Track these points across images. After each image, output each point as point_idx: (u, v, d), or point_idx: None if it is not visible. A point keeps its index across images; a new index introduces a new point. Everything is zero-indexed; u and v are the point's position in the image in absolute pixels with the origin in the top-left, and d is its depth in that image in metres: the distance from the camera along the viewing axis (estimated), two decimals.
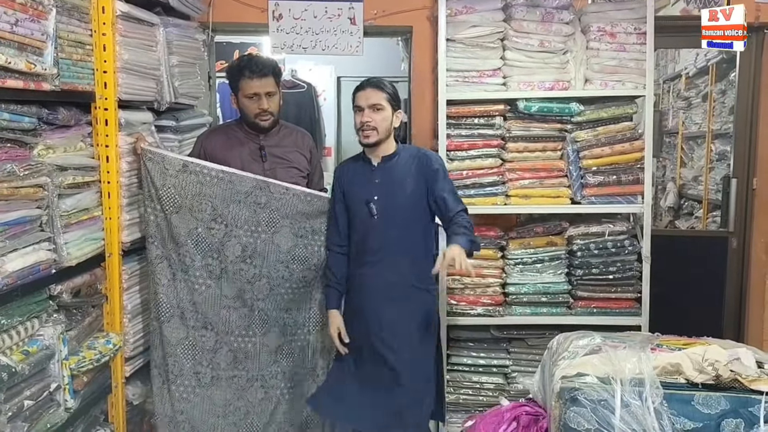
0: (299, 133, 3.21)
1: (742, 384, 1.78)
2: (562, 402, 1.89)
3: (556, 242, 3.61)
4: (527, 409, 2.24)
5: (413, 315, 2.90)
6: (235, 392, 2.92)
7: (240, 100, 2.99)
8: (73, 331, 2.45)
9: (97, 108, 2.59)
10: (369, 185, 2.92)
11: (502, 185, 3.55)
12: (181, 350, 2.85)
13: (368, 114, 2.86)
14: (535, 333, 3.65)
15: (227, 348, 2.89)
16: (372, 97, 2.86)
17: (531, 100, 3.48)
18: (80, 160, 2.49)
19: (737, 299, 4.12)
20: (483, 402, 3.59)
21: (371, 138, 2.87)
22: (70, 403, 2.38)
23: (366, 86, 2.90)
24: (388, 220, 2.89)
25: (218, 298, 2.87)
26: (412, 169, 2.89)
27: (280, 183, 2.92)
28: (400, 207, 2.89)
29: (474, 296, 3.60)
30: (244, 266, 2.87)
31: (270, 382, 2.98)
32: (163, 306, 2.81)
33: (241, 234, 2.85)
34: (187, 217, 2.79)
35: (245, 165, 2.99)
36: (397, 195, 2.90)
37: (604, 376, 1.88)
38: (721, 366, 1.80)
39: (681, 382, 1.87)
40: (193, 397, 2.87)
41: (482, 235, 3.61)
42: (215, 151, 3.02)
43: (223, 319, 2.88)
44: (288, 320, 2.98)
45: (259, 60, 3.00)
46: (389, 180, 2.91)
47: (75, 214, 2.45)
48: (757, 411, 1.75)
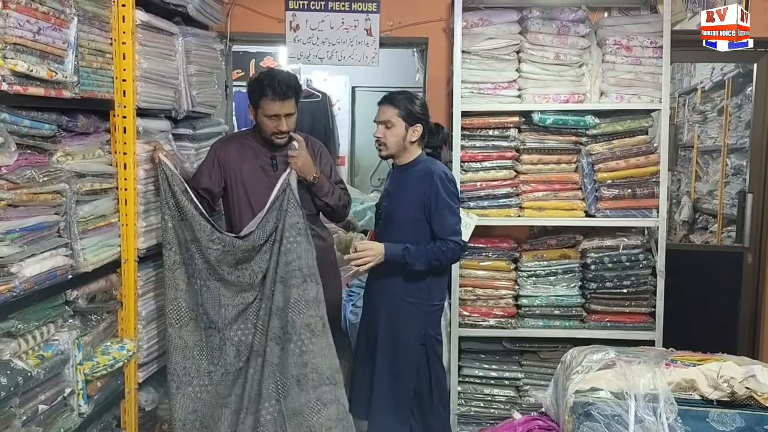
0: (309, 140, 3.21)
1: (758, 401, 1.76)
2: (575, 417, 1.88)
3: (569, 255, 3.60)
4: (540, 423, 2.22)
5: (395, 329, 2.96)
6: (240, 384, 2.87)
7: (259, 117, 3.00)
8: (87, 336, 2.46)
9: (116, 116, 2.61)
10: (385, 192, 3.09)
11: (516, 197, 3.55)
12: (197, 352, 2.86)
13: (380, 130, 2.96)
14: (547, 346, 3.63)
15: (229, 343, 2.87)
16: (383, 113, 2.95)
17: (546, 112, 3.48)
18: (98, 167, 2.51)
19: (752, 315, 4.09)
20: (494, 415, 3.58)
21: (382, 152, 3.01)
22: (84, 408, 2.39)
23: (382, 101, 2.98)
24: (389, 228, 3.01)
25: (218, 298, 2.85)
26: (418, 184, 2.93)
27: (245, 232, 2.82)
28: (400, 218, 2.97)
29: (486, 308, 3.59)
30: (240, 269, 2.85)
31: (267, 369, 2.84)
32: (182, 311, 2.83)
33: (237, 252, 2.82)
34: (188, 232, 2.81)
35: (257, 173, 3.01)
36: (399, 206, 2.98)
37: (618, 391, 1.87)
38: (736, 383, 1.78)
39: (696, 398, 1.86)
40: (205, 395, 2.87)
41: (495, 246, 3.61)
42: (228, 159, 3.04)
43: (223, 317, 2.86)
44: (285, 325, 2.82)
45: (281, 79, 2.95)
46: (397, 190, 3.00)
47: (92, 220, 2.47)
48: None
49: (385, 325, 2.98)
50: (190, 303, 2.84)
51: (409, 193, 2.94)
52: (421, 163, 2.98)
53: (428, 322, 2.99)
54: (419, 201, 2.91)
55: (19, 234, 2.08)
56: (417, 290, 2.94)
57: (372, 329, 3.04)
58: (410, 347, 2.95)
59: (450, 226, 2.89)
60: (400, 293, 2.94)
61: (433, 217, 2.88)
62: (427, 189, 2.89)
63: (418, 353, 2.96)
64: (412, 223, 2.93)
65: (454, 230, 2.90)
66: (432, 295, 2.97)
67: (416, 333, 2.95)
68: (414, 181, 2.94)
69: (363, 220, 5.85)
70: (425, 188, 2.90)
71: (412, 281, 2.93)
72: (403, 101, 2.94)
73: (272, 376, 2.79)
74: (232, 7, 3.89)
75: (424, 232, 2.92)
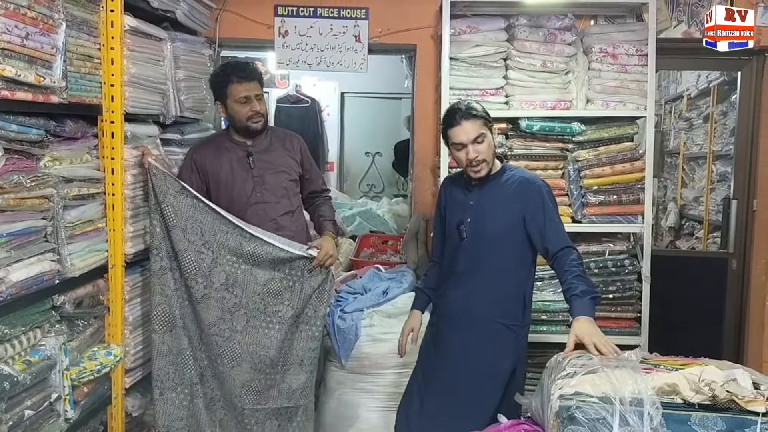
0: (287, 136, 3.23)
1: (738, 405, 1.78)
2: (560, 421, 1.89)
3: None
4: (526, 428, 2.23)
5: (486, 355, 2.66)
6: (207, 409, 2.92)
7: (230, 106, 3.01)
8: (74, 341, 2.46)
9: (104, 121, 2.61)
10: (464, 206, 2.74)
11: None
12: (181, 358, 2.87)
13: (474, 149, 2.60)
14: (535, 351, 3.63)
15: (198, 364, 2.91)
16: (471, 130, 2.59)
17: (533, 119, 3.51)
18: (86, 171, 2.52)
19: (737, 320, 4.13)
20: None
21: (483, 171, 2.64)
22: (70, 413, 2.38)
23: (460, 120, 2.61)
24: (477, 244, 2.69)
25: (195, 319, 2.89)
26: (511, 194, 2.66)
27: (261, 237, 2.89)
28: (492, 232, 2.67)
29: None
30: (227, 294, 2.87)
31: (231, 413, 2.94)
32: (167, 316, 2.84)
33: (224, 263, 2.86)
34: (180, 237, 2.81)
35: (234, 172, 3.02)
36: (489, 219, 2.68)
37: (602, 395, 1.88)
38: (717, 386, 1.80)
39: (678, 402, 1.87)
40: (191, 405, 2.89)
41: None
42: (205, 161, 3.05)
43: (198, 338, 2.90)
44: (263, 357, 2.90)
45: (243, 64, 3.06)
46: (484, 202, 2.70)
47: (79, 225, 2.47)
48: None
49: (474, 353, 2.67)
50: (174, 309, 2.84)
51: (503, 205, 2.66)
52: (507, 170, 2.73)
53: (520, 345, 2.73)
54: (516, 211, 2.63)
55: (6, 239, 2.08)
56: (509, 309, 2.66)
57: (451, 358, 2.72)
58: (499, 374, 2.66)
59: (565, 234, 2.62)
60: (493, 314, 2.64)
61: (545, 228, 2.59)
62: (529, 198, 2.63)
63: (508, 380, 2.67)
64: (505, 236, 2.65)
65: (565, 235, 2.63)
66: (525, 315, 2.71)
67: (509, 359, 2.67)
68: (507, 190, 2.67)
69: (352, 226, 5.86)
70: (525, 197, 2.63)
71: (504, 300, 2.66)
72: (477, 108, 2.65)
73: None
74: (220, 12, 3.90)
75: (517, 245, 2.66)
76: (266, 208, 3.04)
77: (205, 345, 2.90)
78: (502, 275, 2.68)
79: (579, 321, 2.39)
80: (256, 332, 2.90)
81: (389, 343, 3.39)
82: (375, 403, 3.39)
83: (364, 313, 3.45)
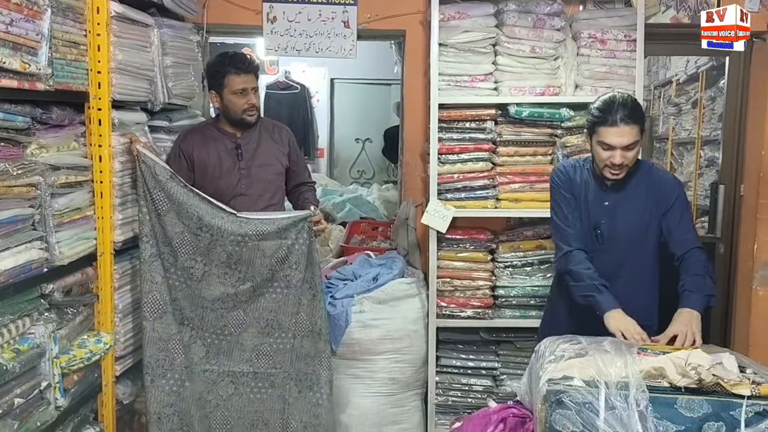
0: (276, 128, 3.23)
1: (724, 388, 1.81)
2: (548, 405, 1.92)
3: (545, 246, 3.64)
4: (514, 411, 2.26)
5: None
6: (206, 386, 2.93)
7: (225, 97, 3.01)
8: (64, 329, 2.46)
9: (91, 108, 2.60)
10: (598, 207, 2.63)
11: (492, 189, 3.58)
12: (172, 345, 2.87)
13: (622, 155, 2.46)
14: (523, 335, 3.68)
15: (201, 342, 2.91)
16: (628, 136, 2.45)
17: (522, 105, 3.51)
18: (73, 159, 2.50)
19: (724, 304, 4.16)
20: (471, 404, 3.61)
21: (620, 175, 2.53)
22: (60, 401, 2.39)
23: (619, 122, 2.43)
24: (613, 245, 2.61)
25: (197, 297, 2.89)
26: (646, 194, 2.58)
27: (259, 217, 2.89)
28: (629, 233, 2.59)
29: (464, 299, 3.62)
30: (229, 270, 2.88)
31: (240, 379, 2.95)
32: (157, 303, 2.84)
33: (226, 243, 2.85)
34: (174, 220, 2.81)
35: (222, 163, 3.02)
36: (627, 220, 2.59)
37: (589, 379, 1.91)
38: (703, 370, 1.83)
39: (664, 385, 1.90)
40: (182, 390, 2.90)
41: (472, 238, 3.65)
42: (192, 150, 3.05)
43: (199, 316, 2.90)
44: (271, 321, 2.94)
45: (240, 55, 3.06)
46: (620, 204, 2.60)
47: (67, 213, 2.46)
48: (738, 414, 1.78)
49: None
50: (164, 296, 2.84)
51: (640, 204, 2.58)
52: (641, 168, 2.63)
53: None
54: (652, 210, 2.56)
55: None
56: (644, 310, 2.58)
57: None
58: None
59: (692, 232, 2.56)
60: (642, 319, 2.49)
61: (679, 225, 2.53)
62: (666, 196, 2.56)
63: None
64: (643, 235, 2.59)
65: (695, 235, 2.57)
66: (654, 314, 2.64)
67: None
68: (642, 189, 2.59)
69: (342, 212, 5.86)
70: (664, 195, 2.57)
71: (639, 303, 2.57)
72: (639, 110, 2.51)
73: (282, 412, 2.95)
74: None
75: (653, 243, 2.60)
76: (248, 201, 3.05)
77: (208, 322, 2.89)
78: (638, 276, 2.62)
79: (680, 312, 2.34)
80: (262, 298, 2.91)
81: (380, 329, 3.42)
82: (366, 388, 3.41)
83: (355, 299, 3.46)
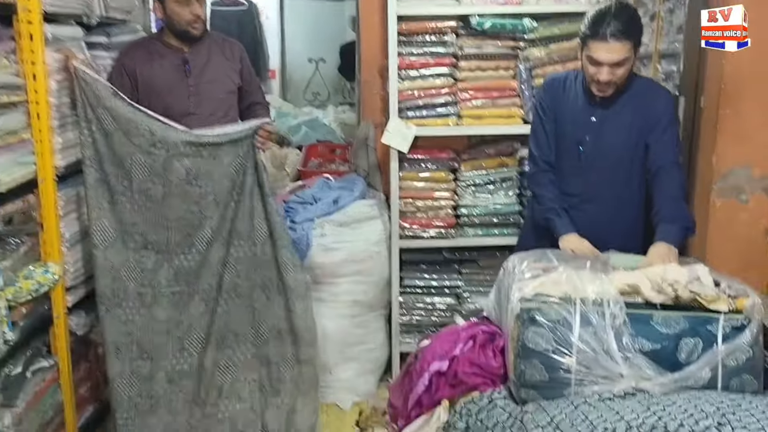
0: (227, 43, 3.05)
1: (701, 305, 1.78)
2: (520, 323, 1.88)
3: (507, 163, 3.59)
4: (483, 328, 2.23)
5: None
6: (177, 308, 2.82)
7: (168, 7, 2.81)
8: (7, 261, 2.31)
9: (20, 21, 2.37)
10: (583, 122, 2.51)
11: (454, 106, 3.47)
12: (124, 273, 2.74)
13: (609, 72, 2.35)
14: (486, 254, 3.67)
15: (168, 265, 2.78)
16: (617, 52, 2.32)
17: (484, 16, 3.37)
18: (4, 78, 2.29)
19: None
20: (436, 322, 3.62)
21: (608, 92, 2.42)
22: (9, 335, 2.26)
23: (609, 37, 2.30)
24: (599, 167, 2.51)
25: (160, 219, 2.74)
26: (635, 112, 2.46)
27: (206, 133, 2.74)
28: (615, 151, 2.48)
29: (426, 219, 3.57)
30: (189, 188, 2.74)
31: (210, 295, 2.84)
32: (106, 231, 2.69)
33: (182, 156, 2.70)
34: (123, 140, 2.64)
35: (169, 80, 2.84)
36: (613, 137, 2.47)
37: (563, 296, 1.87)
38: (680, 286, 1.80)
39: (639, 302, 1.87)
40: (138, 318, 2.78)
41: (434, 157, 3.57)
42: (135, 66, 2.86)
43: (164, 239, 2.76)
44: (232, 231, 2.82)
45: None
46: (608, 120, 2.48)
47: (2, 137, 2.28)
48: (715, 329, 1.76)
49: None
50: (114, 222, 2.69)
51: (627, 122, 2.46)
52: (635, 82, 2.52)
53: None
54: (641, 129, 2.44)
55: None
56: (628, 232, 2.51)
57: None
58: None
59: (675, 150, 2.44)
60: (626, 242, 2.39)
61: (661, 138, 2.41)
62: (656, 114, 2.44)
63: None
64: (629, 155, 2.47)
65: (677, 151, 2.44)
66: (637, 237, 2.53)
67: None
68: (632, 107, 2.47)
69: (297, 136, 5.71)
70: (653, 113, 2.44)
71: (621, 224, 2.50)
72: (634, 26, 2.38)
73: (252, 321, 2.86)
74: None
75: (640, 165, 2.48)
76: (198, 121, 2.88)
77: (175, 243, 2.76)
78: (623, 197, 2.52)
79: (656, 245, 2.23)
80: (227, 210, 2.79)
81: (342, 252, 3.36)
82: (330, 311, 3.37)
83: (315, 223, 3.38)
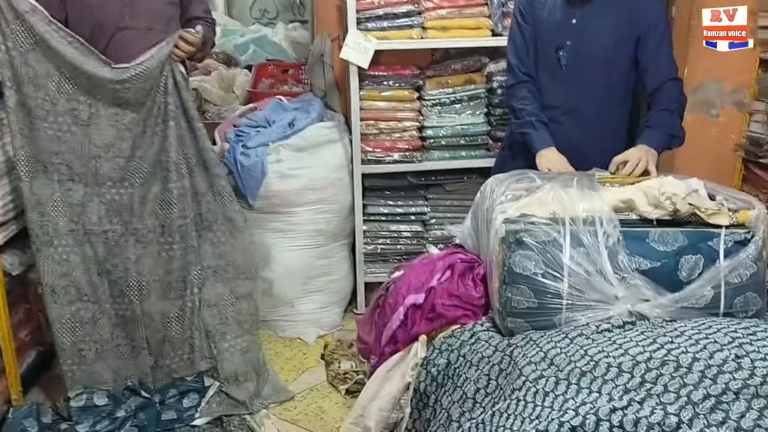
0: None
1: (700, 218, 1.63)
2: (506, 246, 1.70)
3: (475, 80, 3.36)
4: (461, 257, 2.06)
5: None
6: (109, 248, 2.58)
7: None
8: None
9: None
10: (563, 26, 2.37)
11: (417, 16, 3.20)
12: (51, 208, 2.47)
13: None
14: (453, 178, 3.48)
15: (98, 200, 2.53)
16: None
17: None
18: None
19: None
20: (401, 251, 3.46)
21: None
22: None
23: None
24: (577, 73, 2.40)
25: (86, 147, 2.48)
26: (619, 12, 2.33)
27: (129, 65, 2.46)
28: (598, 56, 2.36)
29: (390, 142, 3.34)
30: (120, 111, 2.47)
31: (148, 236, 2.61)
32: (30, 160, 2.41)
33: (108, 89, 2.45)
34: (43, 60, 2.34)
35: None
36: (593, 44, 2.35)
37: (551, 215, 1.69)
38: (679, 200, 1.64)
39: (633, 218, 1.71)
40: (73, 256, 2.54)
41: (397, 74, 3.31)
42: None
43: (93, 170, 2.50)
44: (164, 162, 2.57)
45: None
46: (590, 22, 2.35)
47: None
48: (716, 245, 1.61)
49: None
50: (36, 151, 2.42)
51: (611, 24, 2.33)
52: None
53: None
54: (625, 32, 2.32)
55: None
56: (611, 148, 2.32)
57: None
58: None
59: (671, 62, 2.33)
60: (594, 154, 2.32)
61: (656, 54, 2.30)
62: (644, 17, 2.31)
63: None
64: (612, 61, 2.36)
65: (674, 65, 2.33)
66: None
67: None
68: (616, 7, 2.33)
69: (245, 55, 5.35)
70: (640, 16, 2.31)
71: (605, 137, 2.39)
72: None
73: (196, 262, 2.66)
74: None
75: (624, 72, 2.38)
76: (135, 36, 2.55)
77: (105, 175, 2.52)
78: (606, 107, 2.41)
79: (637, 147, 2.16)
80: (153, 138, 2.55)
81: (300, 178, 3.13)
82: (290, 242, 3.17)
83: (270, 148, 3.13)
